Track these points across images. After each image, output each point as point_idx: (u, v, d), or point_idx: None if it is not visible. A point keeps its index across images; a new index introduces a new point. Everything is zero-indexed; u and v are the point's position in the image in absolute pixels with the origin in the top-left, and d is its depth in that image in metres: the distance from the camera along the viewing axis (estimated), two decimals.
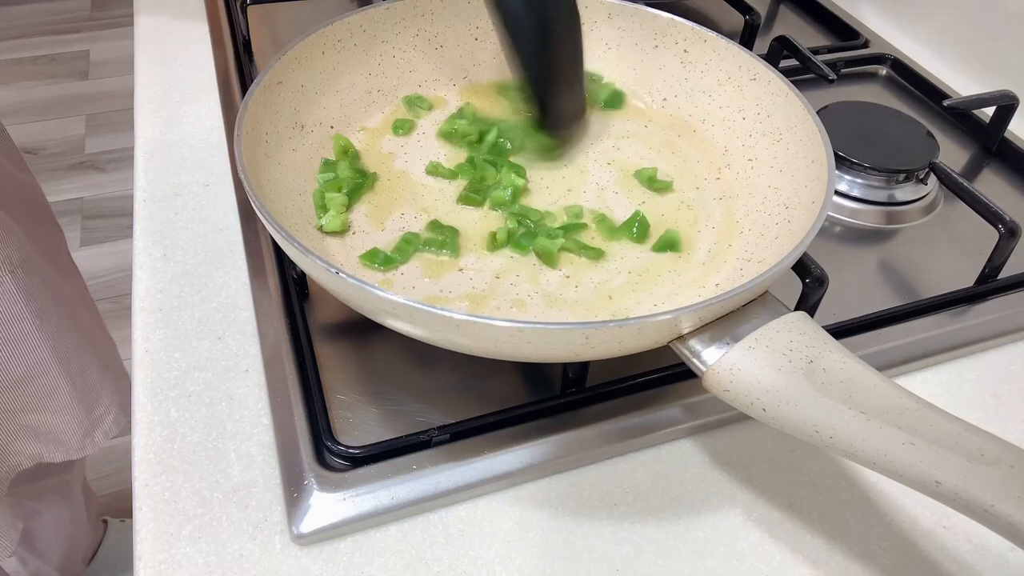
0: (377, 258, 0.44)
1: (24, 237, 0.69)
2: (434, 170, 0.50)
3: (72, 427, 0.76)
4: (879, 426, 0.31)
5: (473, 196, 0.48)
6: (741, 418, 0.42)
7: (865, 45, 0.73)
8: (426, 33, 0.56)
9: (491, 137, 0.52)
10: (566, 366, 0.41)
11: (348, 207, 0.47)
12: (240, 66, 0.65)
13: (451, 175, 0.50)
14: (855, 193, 0.56)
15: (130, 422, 0.42)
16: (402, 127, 0.53)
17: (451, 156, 0.52)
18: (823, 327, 0.36)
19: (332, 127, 0.51)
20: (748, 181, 0.49)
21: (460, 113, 0.54)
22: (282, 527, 0.37)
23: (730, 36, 0.52)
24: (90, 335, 0.78)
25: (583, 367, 0.41)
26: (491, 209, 0.48)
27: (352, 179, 0.48)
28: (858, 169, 0.56)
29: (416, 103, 0.54)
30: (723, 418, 0.42)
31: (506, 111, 0.55)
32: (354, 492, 0.37)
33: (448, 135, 0.52)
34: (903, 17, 0.77)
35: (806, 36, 0.77)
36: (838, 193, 0.56)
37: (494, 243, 0.45)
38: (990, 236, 0.49)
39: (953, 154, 0.63)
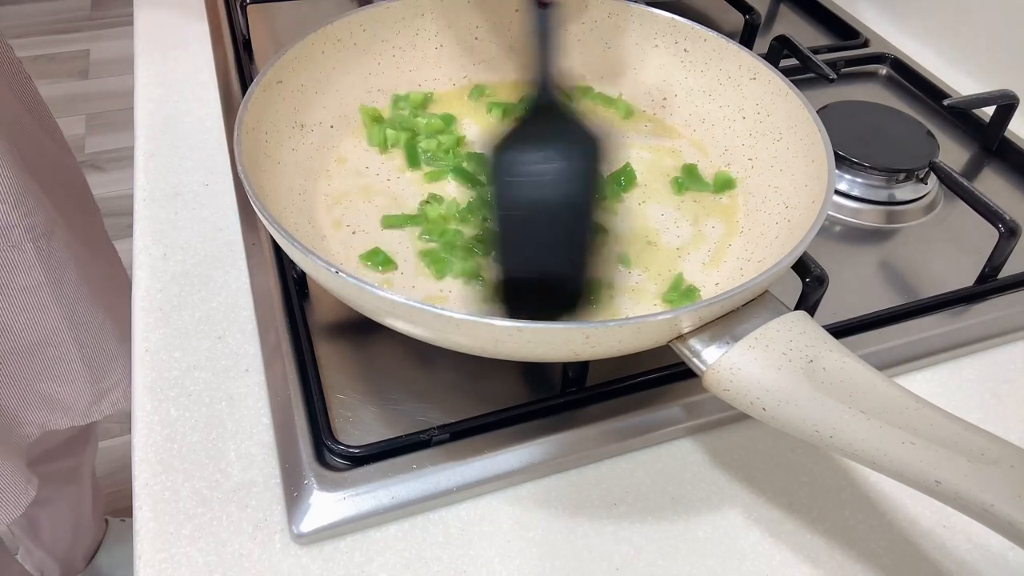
0: (377, 258, 0.44)
1: (54, 210, 0.71)
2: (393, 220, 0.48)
3: (80, 395, 0.78)
4: (879, 425, 0.31)
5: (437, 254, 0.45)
6: (741, 418, 0.42)
7: (865, 44, 0.73)
8: (426, 32, 0.56)
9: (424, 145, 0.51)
10: (566, 366, 0.41)
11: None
12: (240, 66, 0.65)
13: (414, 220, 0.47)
14: (855, 192, 0.56)
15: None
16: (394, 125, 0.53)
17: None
18: (823, 326, 0.36)
19: (332, 126, 0.51)
20: (748, 181, 0.49)
21: (392, 120, 0.53)
22: (282, 526, 0.37)
23: (730, 36, 0.52)
24: (114, 311, 0.79)
25: (583, 367, 0.41)
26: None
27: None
28: (858, 168, 0.56)
29: (400, 103, 0.54)
30: (723, 417, 0.42)
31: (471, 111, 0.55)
32: (354, 491, 0.37)
33: (382, 144, 0.51)
34: (903, 16, 0.77)
35: (806, 35, 0.77)
36: (838, 192, 0.56)
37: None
38: (990, 235, 0.49)
39: (953, 153, 0.63)
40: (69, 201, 0.78)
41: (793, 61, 0.63)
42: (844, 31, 0.76)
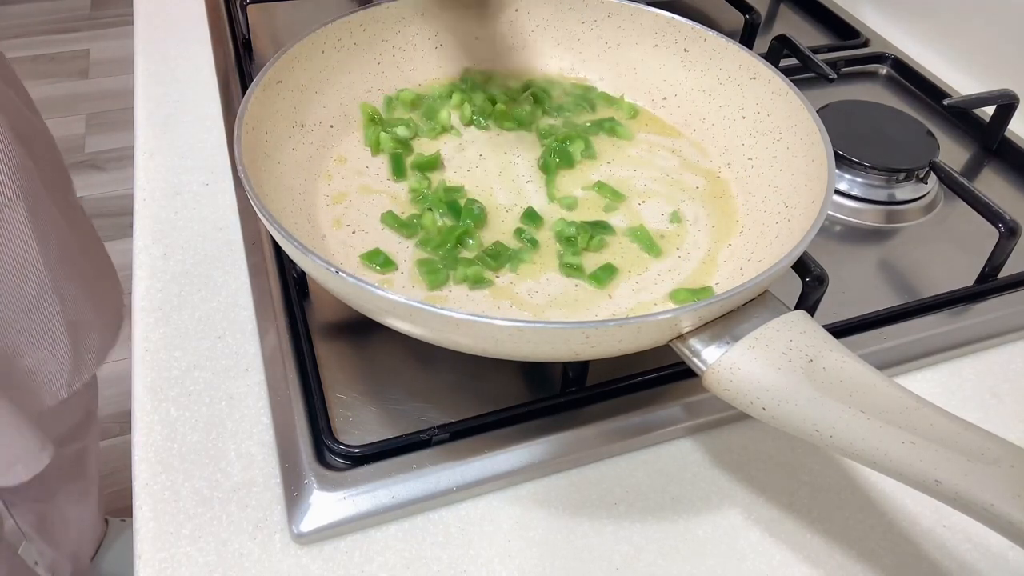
0: (377, 258, 0.44)
1: (38, 174, 0.73)
2: (392, 221, 0.47)
3: (62, 363, 0.78)
4: (879, 425, 0.31)
5: (433, 262, 0.44)
6: (741, 417, 0.42)
7: (865, 44, 0.73)
8: (426, 32, 0.56)
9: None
10: (566, 365, 0.41)
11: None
12: (240, 65, 0.65)
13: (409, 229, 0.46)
14: (855, 192, 0.56)
15: (105, 363, 0.42)
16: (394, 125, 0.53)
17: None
18: (823, 326, 0.36)
19: (332, 126, 0.51)
20: (748, 180, 0.49)
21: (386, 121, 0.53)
22: (282, 526, 0.37)
23: (730, 35, 0.52)
24: (85, 274, 0.80)
25: (583, 366, 0.41)
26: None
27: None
28: (858, 168, 0.56)
29: (392, 104, 0.54)
30: (723, 417, 0.42)
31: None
32: (354, 491, 0.37)
33: (375, 146, 0.51)
34: (903, 16, 0.77)
35: (806, 35, 0.77)
36: (838, 192, 0.56)
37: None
38: (990, 235, 0.49)
39: (953, 153, 0.63)
40: (46, 166, 0.80)
41: (793, 61, 0.63)
42: (844, 31, 0.76)
